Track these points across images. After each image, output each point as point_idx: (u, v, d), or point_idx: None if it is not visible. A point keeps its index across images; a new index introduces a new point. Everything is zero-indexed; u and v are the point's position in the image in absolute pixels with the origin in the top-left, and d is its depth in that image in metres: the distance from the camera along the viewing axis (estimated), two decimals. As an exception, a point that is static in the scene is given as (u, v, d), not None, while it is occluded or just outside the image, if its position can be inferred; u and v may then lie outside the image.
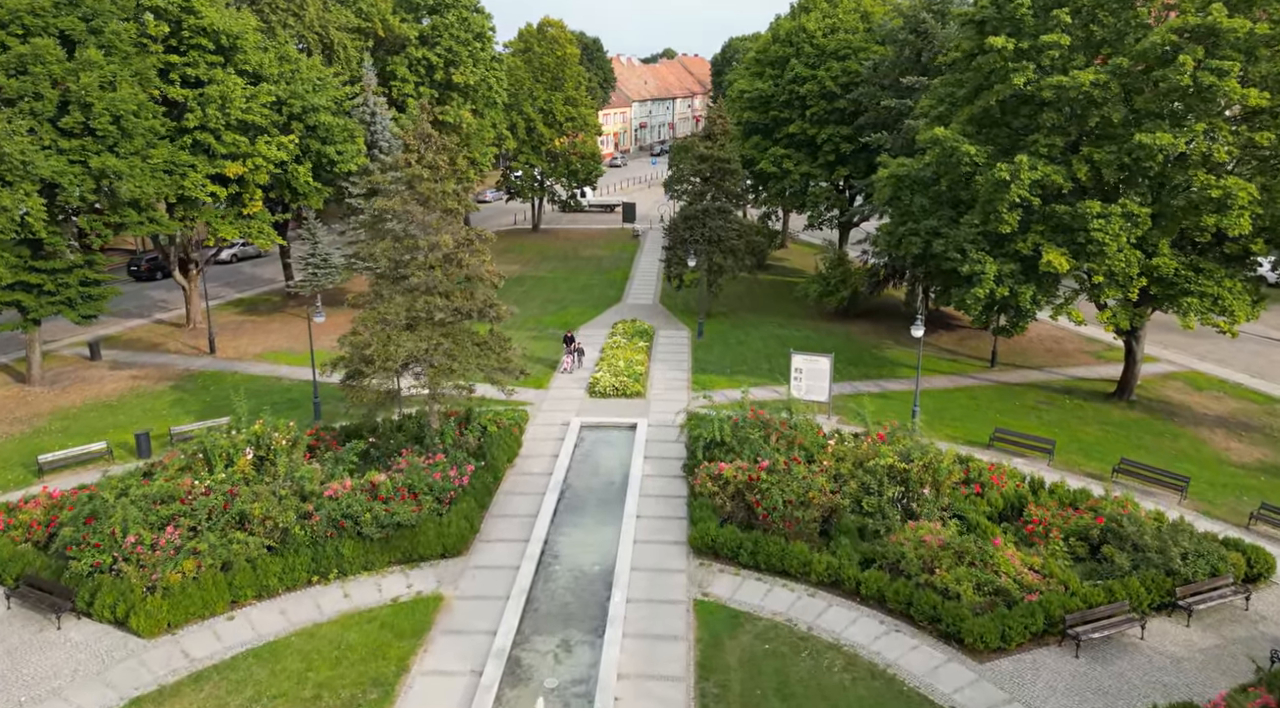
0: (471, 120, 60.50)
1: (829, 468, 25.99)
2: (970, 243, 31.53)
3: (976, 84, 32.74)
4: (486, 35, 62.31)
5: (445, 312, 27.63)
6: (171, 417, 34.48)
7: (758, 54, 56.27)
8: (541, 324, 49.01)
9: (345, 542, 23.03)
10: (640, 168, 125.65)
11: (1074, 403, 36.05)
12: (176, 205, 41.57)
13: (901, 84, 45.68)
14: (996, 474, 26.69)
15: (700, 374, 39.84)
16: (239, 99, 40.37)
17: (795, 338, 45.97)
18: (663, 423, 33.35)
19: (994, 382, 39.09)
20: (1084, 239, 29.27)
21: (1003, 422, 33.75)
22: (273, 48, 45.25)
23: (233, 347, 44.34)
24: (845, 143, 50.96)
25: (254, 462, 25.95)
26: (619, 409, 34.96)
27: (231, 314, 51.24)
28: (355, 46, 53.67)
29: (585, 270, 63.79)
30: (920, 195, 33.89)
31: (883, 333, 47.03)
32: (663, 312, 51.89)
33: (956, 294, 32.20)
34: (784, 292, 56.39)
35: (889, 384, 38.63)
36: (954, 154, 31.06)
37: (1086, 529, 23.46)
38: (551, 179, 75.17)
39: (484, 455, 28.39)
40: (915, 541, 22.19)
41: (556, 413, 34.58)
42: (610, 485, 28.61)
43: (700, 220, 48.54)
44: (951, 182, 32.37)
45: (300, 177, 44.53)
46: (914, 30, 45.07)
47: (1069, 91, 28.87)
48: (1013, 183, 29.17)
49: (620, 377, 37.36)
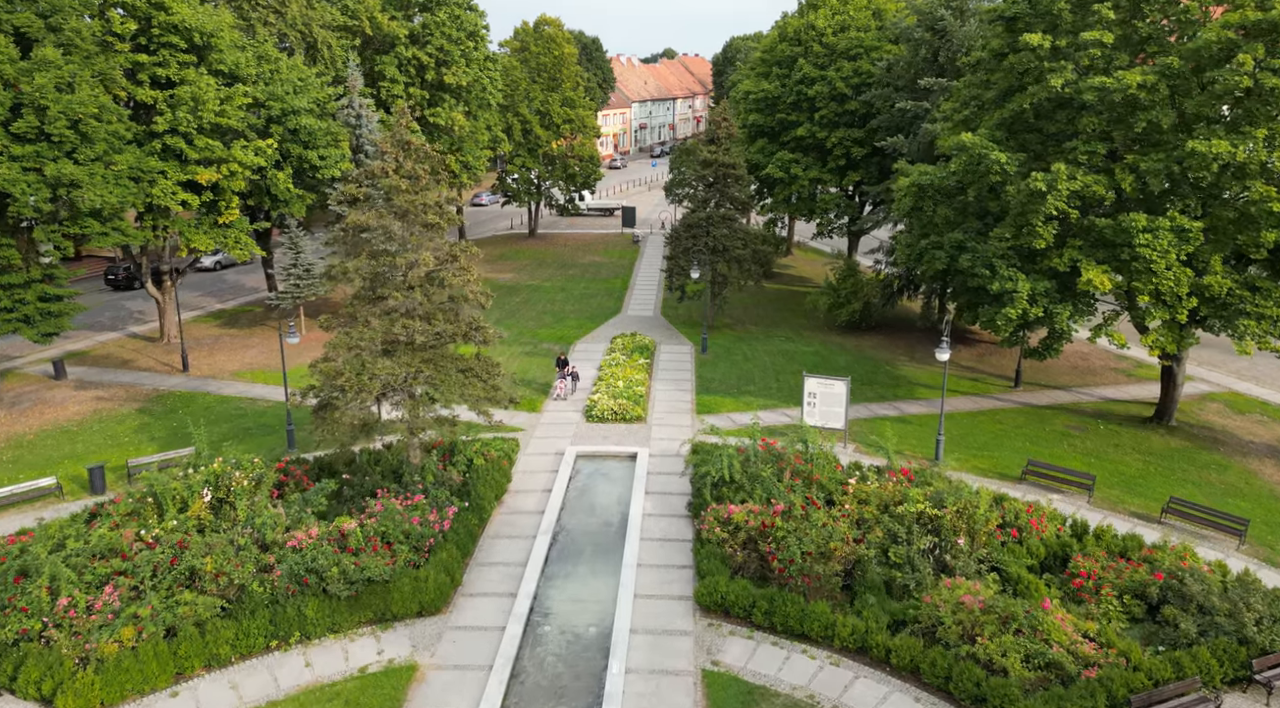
0: (464, 122, 57.88)
1: (851, 512, 23.38)
2: (1000, 258, 28.90)
3: (1007, 86, 30.10)
4: (480, 34, 59.69)
5: (426, 335, 25.05)
6: (134, 445, 31.88)
7: (764, 53, 53.62)
8: (536, 338, 46.43)
9: (309, 600, 20.41)
10: (640, 170, 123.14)
11: (1108, 429, 33.44)
12: (145, 214, 38.96)
13: (918, 85, 43.09)
14: (1035, 517, 24.10)
15: (705, 395, 37.26)
16: (212, 101, 37.79)
17: (804, 353, 43.44)
18: (665, 452, 30.77)
19: (1019, 404, 36.49)
20: (1128, 255, 26.65)
21: (1033, 451, 31.17)
22: (251, 47, 42.68)
23: (208, 364, 41.74)
24: (856, 147, 48.33)
25: (212, 504, 23.37)
26: (618, 436, 32.38)
27: (210, 327, 48.65)
28: (341, 45, 51.04)
29: (583, 279, 61.26)
30: (944, 206, 31.22)
31: (897, 348, 44.46)
32: (664, 324, 49.32)
33: (984, 313, 29.58)
34: (791, 302, 53.83)
35: (907, 407, 36.03)
36: (982, 162, 28.44)
37: (1143, 586, 20.85)
38: (548, 183, 72.58)
39: (469, 493, 25.80)
40: (953, 603, 19.59)
41: (550, 441, 31.98)
42: (608, 527, 26.01)
43: (704, 229, 45.98)
44: (979, 192, 29.74)
45: (280, 183, 41.95)
46: (931, 28, 42.47)
47: (1113, 94, 26.24)
48: (1049, 194, 26.55)
49: (619, 399, 34.78)
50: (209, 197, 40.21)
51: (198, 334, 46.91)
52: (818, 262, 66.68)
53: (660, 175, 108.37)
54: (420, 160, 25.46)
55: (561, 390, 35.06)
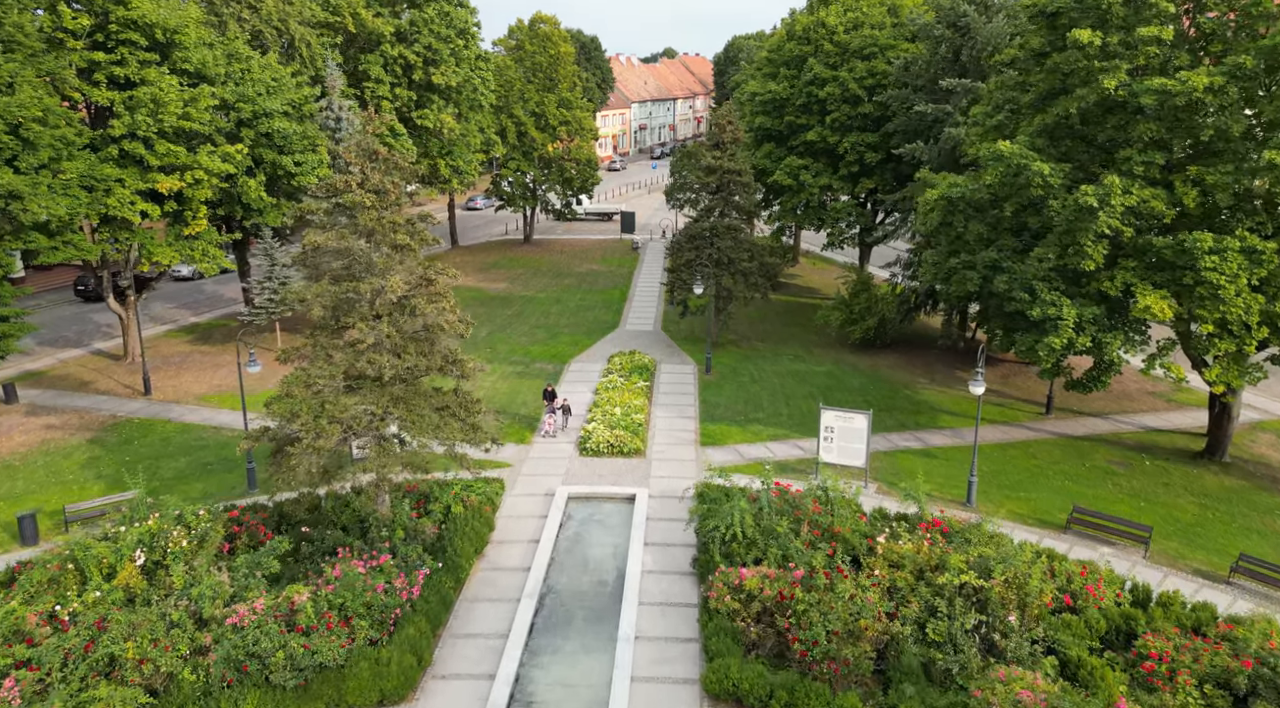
0: (454, 125, 54.80)
1: (882, 579, 20.33)
2: (1041, 280, 25.84)
3: (1047, 88, 27.01)
4: (470, 32, 56.60)
5: (396, 370, 22.01)
6: (79, 483, 28.83)
7: (771, 53, 50.52)
8: (529, 357, 43.36)
9: (248, 693, 17.39)
10: (640, 172, 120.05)
11: (1155, 465, 30.38)
12: (101, 226, 35.89)
13: (938, 87, 40.04)
14: (1091, 580, 21.08)
15: (709, 423, 34.21)
16: (174, 103, 34.72)
17: (815, 374, 40.39)
18: (666, 492, 27.74)
19: (1054, 434, 33.43)
20: (1191, 279, 23.60)
21: (1074, 491, 28.15)
22: (220, 44, 39.64)
23: (173, 386, 38.66)
24: (871, 152, 45.24)
25: (147, 568, 20.33)
26: (614, 473, 29.34)
27: (180, 343, 45.57)
28: (321, 43, 47.96)
29: (580, 289, 58.19)
30: (976, 221, 28.11)
31: (915, 368, 41.40)
32: (664, 340, 46.26)
33: (1022, 340, 26.51)
34: (799, 315, 50.77)
35: (931, 437, 32.99)
36: (1022, 173, 25.37)
37: (1228, 675, 17.81)
38: (544, 187, 69.53)
39: (445, 549, 22.76)
40: (1009, 702, 16.53)
41: (539, 479, 28.92)
42: (602, 587, 22.95)
43: (707, 239, 42.97)
44: (1018, 206, 26.67)
45: (252, 191, 38.87)
46: (952, 25, 39.41)
47: (1174, 98, 23.19)
48: (1101, 210, 23.50)
49: (616, 430, 31.73)
50: (173, 206, 37.16)
51: (166, 351, 43.85)
52: (826, 271, 63.67)
53: (660, 177, 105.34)
54: (389, 172, 22.43)
55: (550, 427, 31.59)
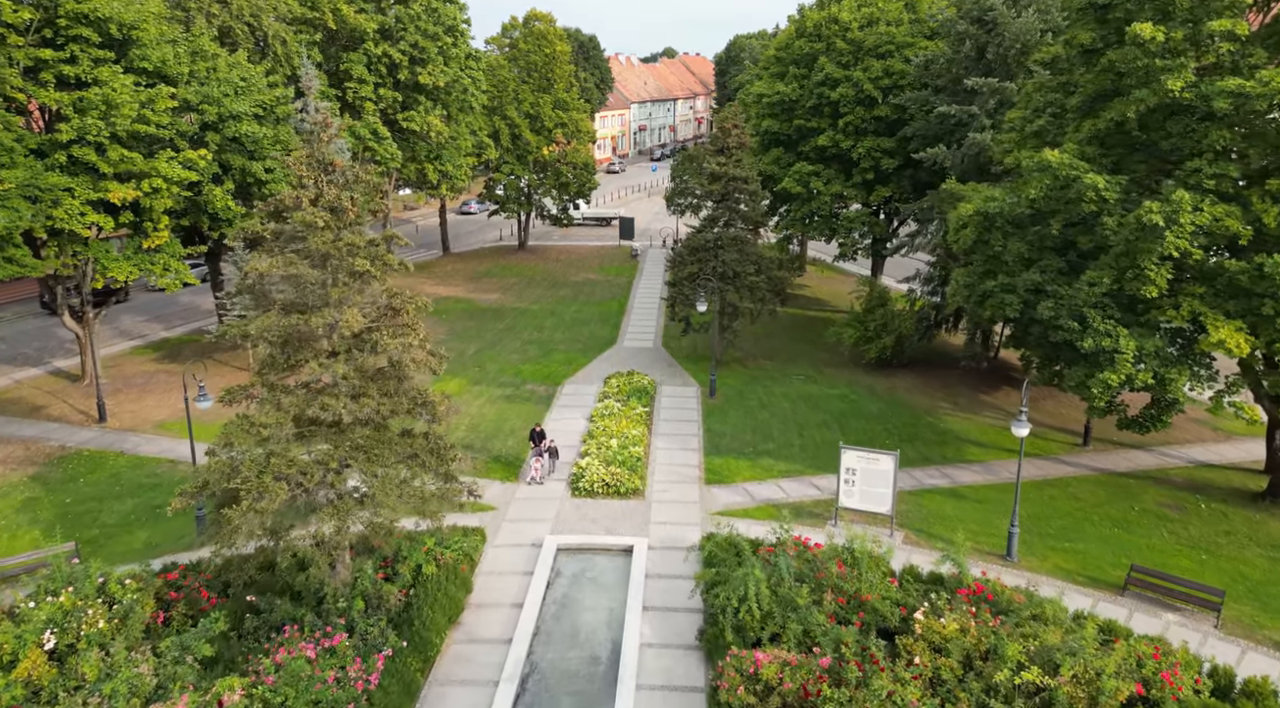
0: (442, 127, 51.74)
1: (923, 668, 17.28)
2: (1094, 308, 22.81)
3: (1098, 89, 23.96)
4: (460, 29, 53.54)
5: (355, 415, 18.98)
6: (8, 531, 25.76)
7: (779, 51, 47.47)
8: (519, 377, 40.32)
9: (163, 823, 14.37)
10: (640, 174, 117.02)
11: (1212, 509, 27.33)
12: (50, 239, 32.84)
13: (961, 87, 37.00)
14: (1165, 664, 18.04)
15: (715, 456, 31.19)
16: (128, 104, 31.66)
17: (828, 398, 37.36)
18: (668, 542, 24.72)
19: (1094, 470, 30.38)
20: (1273, 309, 20.58)
21: (1125, 541, 25.12)
22: (184, 41, 36.59)
23: (130, 411, 35.60)
24: (887, 158, 42.19)
25: (59, 652, 17.29)
26: (609, 517, 26.30)
27: (146, 361, 42.51)
28: (298, 41, 44.91)
29: (576, 300, 55.18)
30: (1017, 239, 25.03)
31: (935, 391, 38.35)
32: (665, 358, 43.23)
33: (1071, 375, 23.48)
34: (808, 330, 47.73)
35: (959, 473, 29.96)
36: (1072, 186, 22.36)
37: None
38: (540, 192, 66.50)
39: (412, 620, 19.71)
40: None
41: (525, 526, 25.88)
42: (594, 664, 19.91)
43: (711, 251, 39.95)
44: (1065, 223, 23.63)
45: (218, 199, 35.82)
46: (978, 20, 36.37)
47: (1253, 101, 20.19)
48: (1169, 229, 20.49)
49: (613, 466, 28.69)
50: (130, 218, 34.09)
51: (130, 371, 40.80)
52: (835, 281, 60.66)
53: (661, 180, 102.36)
54: (347, 186, 19.39)
55: (537, 472, 28.24)
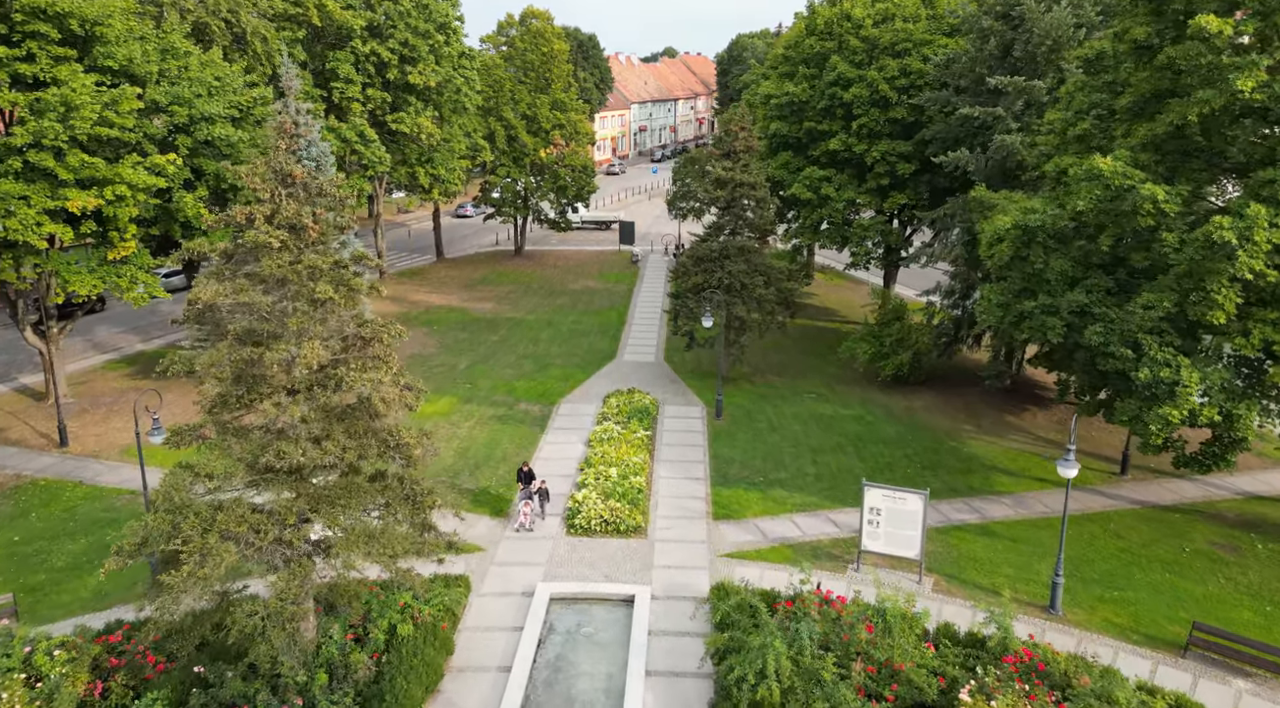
0: (433, 129, 49.35)
1: (972, 764, 14.93)
2: (1150, 333, 20.42)
3: (1153, 89, 21.55)
4: (452, 26, 51.17)
5: (315, 463, 16.60)
6: (-54, 577, 23.43)
7: (787, 49, 45.06)
8: (513, 395, 37.92)
9: None
10: (640, 176, 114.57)
11: (1270, 550, 24.88)
12: (3, 251, 30.47)
13: (985, 87, 34.60)
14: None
15: (723, 487, 28.82)
16: (88, 106, 29.29)
17: (842, 419, 34.98)
18: (673, 591, 22.35)
19: (1136, 503, 27.98)
20: (1359, 340, 18.31)
21: (1179, 588, 22.73)
22: (154, 38, 34.21)
23: (96, 435, 33.22)
24: (903, 163, 39.77)
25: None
26: (608, 560, 23.90)
27: (118, 377, 40.08)
28: (280, 38, 42.52)
29: (574, 310, 52.79)
30: (1059, 256, 22.60)
31: (957, 412, 35.94)
32: (667, 374, 40.85)
33: (1123, 407, 21.08)
34: (818, 342, 45.35)
35: (988, 507, 27.58)
36: (1126, 197, 19.98)
37: None
38: (537, 196, 64.10)
39: (384, 692, 17.34)
40: None
41: (515, 570, 23.48)
42: (590, 744, 17.56)
43: (717, 262, 37.56)
44: (1117, 238, 21.24)
45: (190, 207, 33.44)
46: (1003, 16, 33.97)
47: (1340, 101, 17.90)
48: (1241, 247, 18.14)
49: (612, 499, 26.33)
50: (92, 227, 31.73)
51: (99, 388, 38.40)
52: (844, 288, 58.31)
53: (661, 182, 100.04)
54: (308, 200, 17.00)
55: (525, 519, 25.02)
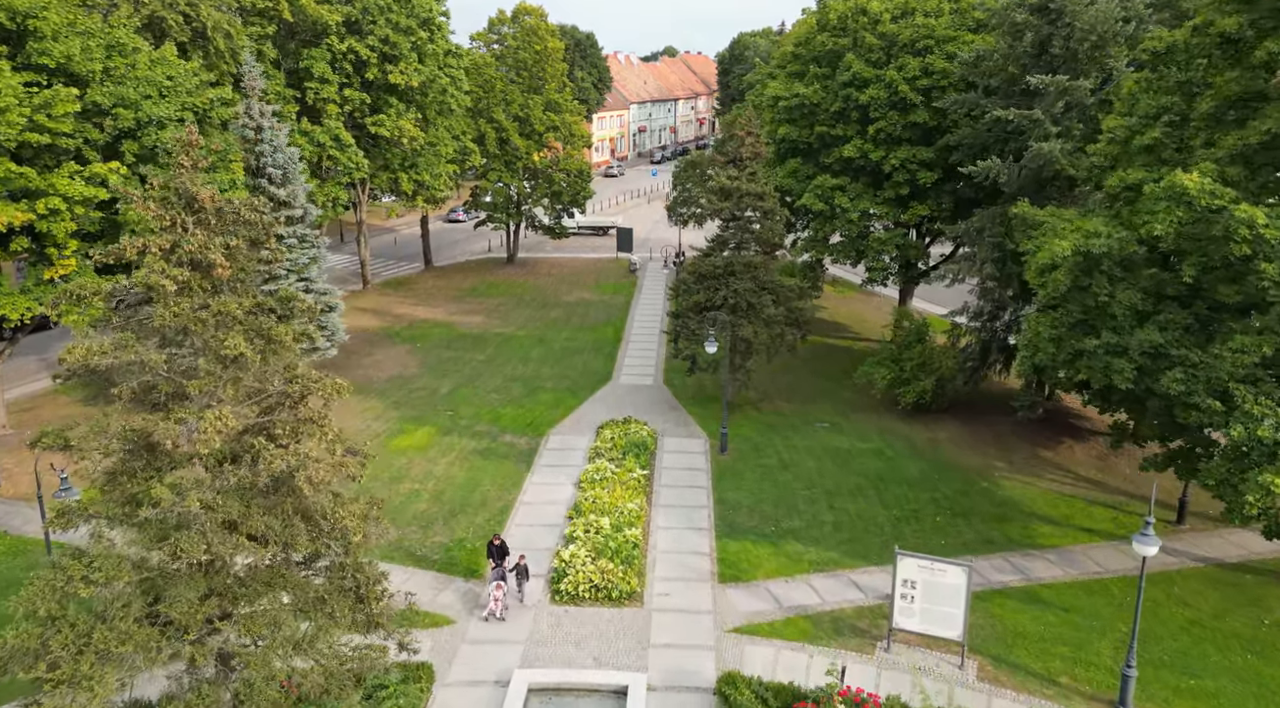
0: (416, 132, 46.06)
1: None
2: (1244, 382, 17.14)
3: (1243, 92, 18.27)
4: (436, 22, 47.88)
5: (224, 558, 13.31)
6: None
7: (797, 47, 41.71)
8: (498, 424, 34.62)
9: None
10: (639, 178, 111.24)
11: (1362, 625, 21.66)
12: (-80, 272, 27.26)
13: (1018, 87, 31.29)
14: None
15: (729, 540, 25.56)
16: (15, 109, 26.04)
17: (859, 454, 31.71)
18: (673, 678, 19.09)
19: (1199, 560, 24.73)
20: None
21: (1265, 676, 19.48)
22: (99, 33, 30.92)
23: (33, 473, 29.81)
24: (924, 171, 36.43)
25: None
26: (599, 636, 20.60)
27: (69, 403, 36.70)
28: (246, 34, 39.19)
29: (568, 325, 49.53)
30: (1127, 287, 19.25)
31: (986, 446, 32.64)
32: (667, 400, 37.55)
33: (1212, 470, 17.78)
34: (829, 362, 42.05)
35: (1032, 564, 24.29)
36: (1215, 221, 16.71)
37: None
38: (530, 202, 60.82)
39: None
40: None
41: (489, 649, 20.17)
42: None
43: (721, 279, 34.29)
44: (1203, 267, 17.94)
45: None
46: (1039, 9, 30.65)
47: None
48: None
49: (603, 558, 23.02)
50: (25, 243, 28.47)
51: (47, 416, 35.01)
52: (856, 301, 55.06)
53: (662, 184, 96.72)
54: (222, 230, 13.69)
55: (496, 605, 20.73)
